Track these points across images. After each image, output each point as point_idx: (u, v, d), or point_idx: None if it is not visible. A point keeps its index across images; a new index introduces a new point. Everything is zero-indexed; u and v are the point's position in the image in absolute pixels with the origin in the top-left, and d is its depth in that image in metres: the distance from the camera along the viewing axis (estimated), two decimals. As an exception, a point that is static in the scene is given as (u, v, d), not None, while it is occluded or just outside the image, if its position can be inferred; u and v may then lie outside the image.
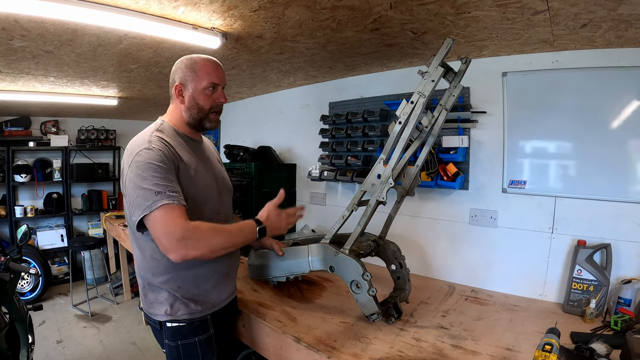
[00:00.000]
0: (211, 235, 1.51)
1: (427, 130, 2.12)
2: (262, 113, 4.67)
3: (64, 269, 5.90)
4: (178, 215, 1.44)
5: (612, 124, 2.27)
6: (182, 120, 1.73)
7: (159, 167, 1.48)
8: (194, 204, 1.61)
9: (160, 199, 1.42)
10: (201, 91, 1.67)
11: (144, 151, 1.50)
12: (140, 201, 1.44)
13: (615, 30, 2.01)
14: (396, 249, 2.23)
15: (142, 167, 1.47)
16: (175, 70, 1.70)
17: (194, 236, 1.45)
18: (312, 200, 3.95)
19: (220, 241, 1.53)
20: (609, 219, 2.27)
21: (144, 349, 4.01)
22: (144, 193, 1.44)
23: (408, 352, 1.72)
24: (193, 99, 1.68)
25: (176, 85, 1.68)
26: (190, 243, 1.43)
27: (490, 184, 2.69)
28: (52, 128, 6.06)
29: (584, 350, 1.66)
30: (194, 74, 1.66)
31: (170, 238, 1.42)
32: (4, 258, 2.67)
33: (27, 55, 2.78)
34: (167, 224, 1.42)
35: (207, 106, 1.70)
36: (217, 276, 1.78)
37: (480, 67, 2.56)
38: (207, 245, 1.49)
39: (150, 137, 1.56)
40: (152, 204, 1.42)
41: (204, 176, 1.70)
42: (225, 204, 1.86)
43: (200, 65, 1.67)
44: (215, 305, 1.78)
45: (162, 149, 1.53)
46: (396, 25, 2.20)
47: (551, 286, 2.44)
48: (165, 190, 1.44)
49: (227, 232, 1.57)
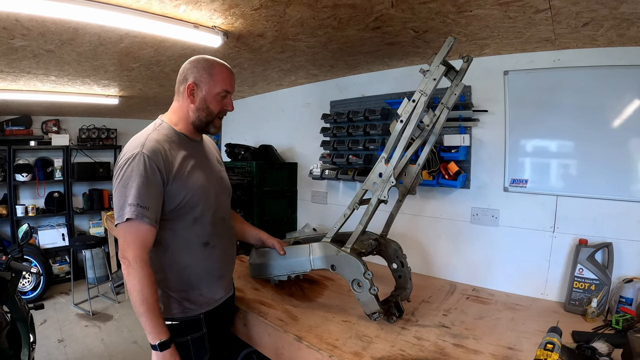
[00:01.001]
0: (140, 287, 1.51)
1: (429, 129, 2.12)
2: (264, 112, 4.67)
3: (65, 268, 5.91)
4: (137, 238, 1.52)
5: (614, 123, 2.27)
6: (186, 119, 1.72)
7: (141, 177, 1.51)
8: (187, 205, 1.63)
9: (130, 212, 1.48)
10: (214, 96, 1.68)
11: (134, 157, 1.53)
12: (116, 207, 1.54)
13: (617, 29, 2.01)
14: (397, 248, 2.23)
15: (127, 173, 1.52)
16: (189, 68, 1.69)
17: (133, 272, 1.51)
18: (314, 199, 3.95)
19: (138, 299, 1.51)
20: (611, 218, 2.26)
21: (146, 348, 4.00)
22: (120, 201, 1.52)
23: (409, 351, 1.72)
24: (204, 102, 1.68)
25: (189, 84, 1.67)
26: (130, 270, 1.51)
27: (491, 183, 2.69)
28: (53, 127, 6.07)
29: (585, 349, 1.66)
30: (210, 77, 1.67)
31: (122, 253, 1.53)
32: (5, 257, 2.68)
33: (28, 54, 2.77)
34: (126, 241, 1.53)
35: (216, 111, 1.72)
36: (209, 278, 1.78)
37: (481, 65, 2.56)
38: (133, 286, 1.51)
39: (145, 141, 1.57)
40: (123, 214, 1.50)
41: (199, 177, 1.69)
42: (222, 204, 1.86)
43: (218, 70, 1.68)
44: (209, 304, 1.78)
45: (153, 156, 1.53)
46: (397, 23, 2.20)
47: (553, 285, 2.43)
48: (138, 203, 1.49)
49: (147, 303, 1.52)
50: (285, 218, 4.10)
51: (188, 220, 1.66)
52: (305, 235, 2.86)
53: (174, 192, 1.59)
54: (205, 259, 1.73)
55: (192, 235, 1.68)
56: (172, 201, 1.60)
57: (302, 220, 4.08)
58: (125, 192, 1.50)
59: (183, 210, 1.63)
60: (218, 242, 1.78)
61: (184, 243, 1.67)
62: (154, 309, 1.52)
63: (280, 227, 3.99)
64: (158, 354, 1.55)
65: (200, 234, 1.70)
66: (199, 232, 1.69)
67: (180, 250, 1.67)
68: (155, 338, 1.53)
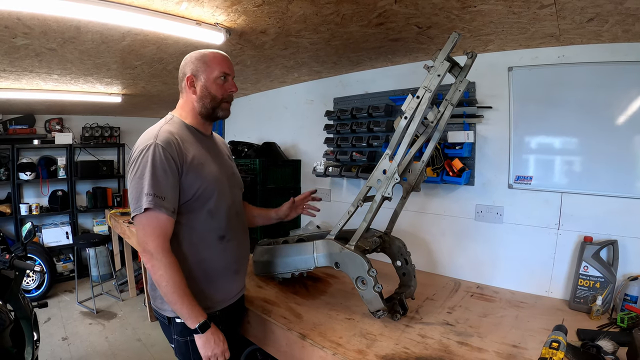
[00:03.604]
0: (169, 275, 1.52)
1: (433, 126, 2.10)
2: (267, 109, 4.66)
3: (69, 266, 5.94)
4: (157, 228, 1.52)
5: (619, 120, 2.25)
6: (193, 112, 1.76)
7: (157, 168, 1.52)
8: (202, 197, 1.65)
9: (147, 202, 1.48)
10: (213, 80, 1.72)
11: (148, 148, 1.54)
12: (133, 200, 1.53)
13: (622, 25, 1.99)
14: (402, 245, 2.23)
15: (142, 164, 1.53)
16: (185, 64, 1.74)
17: (157, 262, 1.51)
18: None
19: (169, 289, 1.52)
20: (616, 215, 2.25)
21: (149, 346, 4.02)
22: (137, 192, 1.52)
23: (414, 349, 1.71)
24: (205, 89, 1.72)
25: (188, 76, 1.71)
26: (155, 262, 1.52)
27: (496, 180, 2.67)
28: (57, 126, 6.08)
29: (590, 347, 1.65)
30: (205, 65, 1.71)
31: (144, 247, 1.53)
32: (8, 256, 2.69)
33: (30, 53, 2.77)
34: (146, 232, 1.52)
35: (220, 95, 1.75)
36: (226, 272, 1.79)
37: (485, 61, 2.53)
38: (161, 277, 1.51)
39: (158, 132, 1.59)
40: (140, 205, 1.49)
41: (213, 169, 1.72)
42: (236, 199, 1.88)
43: (210, 57, 1.72)
44: (224, 302, 1.79)
45: (167, 147, 1.55)
46: (401, 19, 2.19)
47: (557, 283, 2.42)
48: (155, 193, 1.50)
49: (180, 290, 1.54)
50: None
51: (204, 213, 1.67)
52: (309, 233, 2.86)
53: (188, 183, 1.61)
54: (221, 252, 1.75)
55: (208, 229, 1.70)
56: (187, 192, 1.61)
57: (305, 218, 4.07)
58: (141, 183, 1.51)
59: (198, 203, 1.65)
60: (233, 235, 1.80)
61: (200, 237, 1.68)
62: (187, 294, 1.54)
63: (284, 224, 3.97)
64: (201, 336, 1.58)
65: (216, 227, 1.71)
66: (214, 225, 1.71)
67: (196, 244, 1.68)
68: (194, 321, 1.56)
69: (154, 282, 1.57)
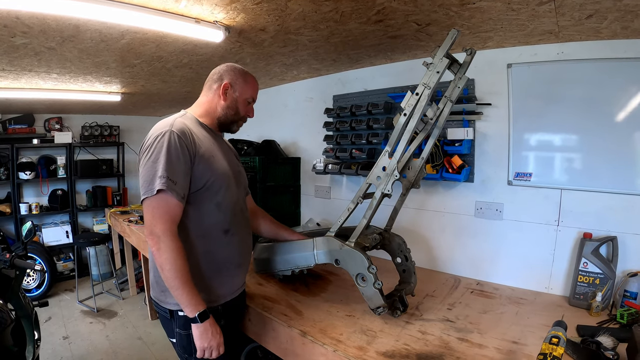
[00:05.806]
0: (173, 259, 1.52)
1: (432, 123, 2.10)
2: (266, 107, 4.64)
3: (70, 265, 5.95)
4: (167, 212, 1.55)
5: (619, 116, 2.25)
6: (213, 113, 1.86)
7: (171, 153, 1.56)
8: (211, 188, 1.69)
9: (160, 184, 1.52)
10: (244, 99, 1.89)
11: (164, 134, 1.59)
12: (145, 183, 1.56)
13: (621, 21, 1.98)
14: (401, 242, 2.23)
15: (157, 149, 1.57)
16: (226, 71, 1.87)
17: (163, 245, 1.52)
18: (317, 193, 3.94)
19: (171, 273, 1.53)
20: (616, 212, 2.25)
21: (150, 344, 4.03)
22: (149, 175, 1.55)
23: (414, 345, 1.72)
24: (235, 102, 1.87)
25: (225, 83, 1.83)
26: (160, 245, 1.53)
27: (495, 177, 2.67)
28: (56, 125, 6.08)
29: (590, 343, 1.65)
30: (244, 82, 1.88)
31: (151, 229, 1.54)
32: (9, 255, 2.69)
33: (29, 52, 2.77)
34: (154, 215, 1.54)
35: (242, 113, 1.92)
36: (229, 266, 1.81)
37: (485, 58, 2.54)
38: (166, 260, 1.52)
39: (173, 122, 1.66)
40: (152, 187, 1.53)
41: (223, 163, 1.77)
42: (241, 197, 1.93)
43: (251, 79, 1.92)
44: (226, 296, 1.81)
45: (182, 135, 1.61)
46: (400, 16, 2.18)
47: (557, 279, 2.42)
48: (168, 176, 1.53)
49: (182, 275, 1.54)
50: (289, 213, 4.08)
51: (211, 205, 1.70)
52: (309, 230, 2.86)
53: (199, 173, 1.65)
54: (226, 245, 1.77)
55: (215, 221, 1.73)
56: (197, 182, 1.65)
57: (305, 215, 4.07)
58: (155, 167, 1.55)
59: (207, 194, 1.68)
60: (237, 230, 1.82)
61: (206, 229, 1.71)
62: (188, 281, 1.55)
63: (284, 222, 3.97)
64: (199, 326, 1.59)
65: (222, 220, 1.74)
66: (220, 218, 1.74)
67: (203, 236, 1.70)
68: (194, 310, 1.56)
69: (158, 267, 1.56)
